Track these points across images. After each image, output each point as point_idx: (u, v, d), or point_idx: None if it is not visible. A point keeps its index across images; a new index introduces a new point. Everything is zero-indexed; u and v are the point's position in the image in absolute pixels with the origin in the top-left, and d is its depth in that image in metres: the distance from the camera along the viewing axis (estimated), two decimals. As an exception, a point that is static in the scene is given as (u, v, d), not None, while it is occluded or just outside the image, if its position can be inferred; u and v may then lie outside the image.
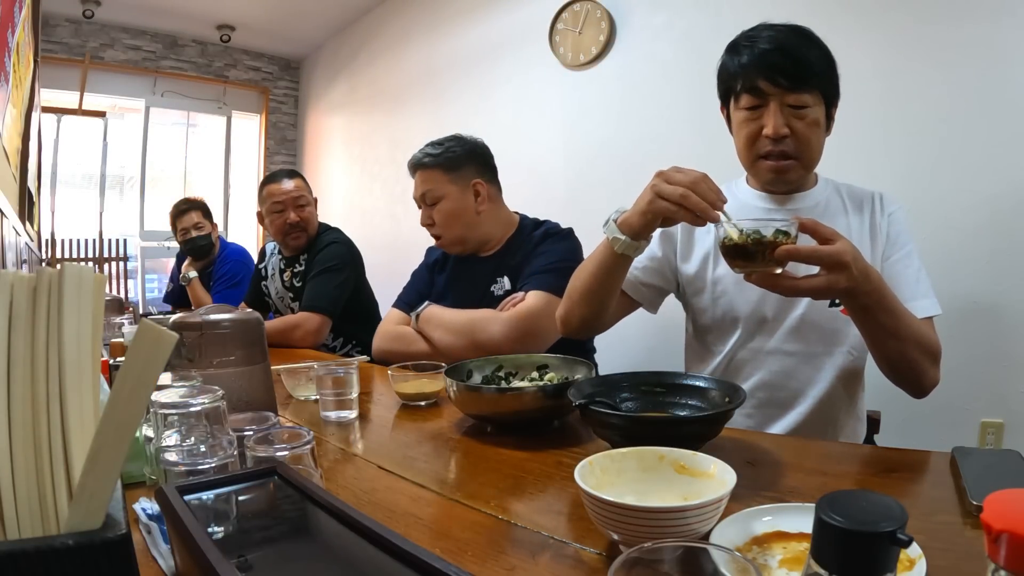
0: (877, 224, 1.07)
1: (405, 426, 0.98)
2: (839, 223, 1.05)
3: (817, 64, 0.99)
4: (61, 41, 4.14)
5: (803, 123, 1.00)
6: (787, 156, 1.02)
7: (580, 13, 2.86)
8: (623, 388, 0.87)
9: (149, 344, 0.37)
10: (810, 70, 0.98)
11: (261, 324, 0.93)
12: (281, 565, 0.44)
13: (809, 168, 1.07)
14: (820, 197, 1.10)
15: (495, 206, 1.53)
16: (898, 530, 0.27)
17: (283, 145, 5.34)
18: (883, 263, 1.05)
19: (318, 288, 1.93)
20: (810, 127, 1.00)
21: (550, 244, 1.44)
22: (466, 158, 1.50)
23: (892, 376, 0.96)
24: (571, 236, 1.49)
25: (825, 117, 1.03)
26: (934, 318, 1.00)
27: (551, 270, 1.35)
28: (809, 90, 0.99)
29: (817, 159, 1.06)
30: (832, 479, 0.71)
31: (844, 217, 1.08)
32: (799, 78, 0.98)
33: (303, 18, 4.43)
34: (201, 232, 2.89)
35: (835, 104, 1.04)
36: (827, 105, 1.02)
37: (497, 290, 1.44)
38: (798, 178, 1.07)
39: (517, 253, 1.46)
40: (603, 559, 0.53)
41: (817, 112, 1.00)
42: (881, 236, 1.06)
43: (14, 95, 1.89)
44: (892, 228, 1.07)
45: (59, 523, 0.37)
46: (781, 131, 0.99)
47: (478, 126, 3.68)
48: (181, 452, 0.60)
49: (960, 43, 1.81)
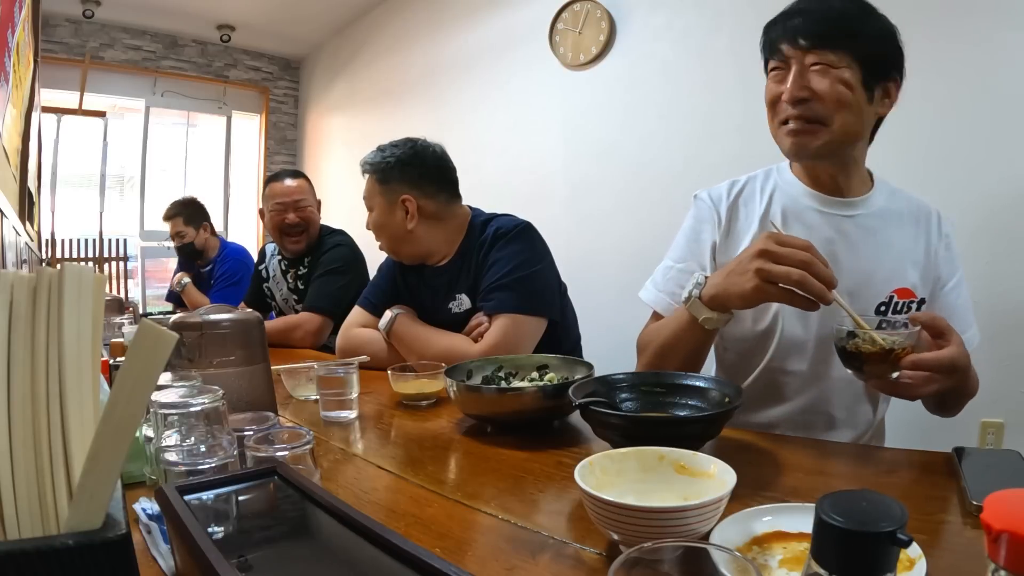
0: (932, 247, 1.00)
1: (405, 426, 0.98)
2: (895, 236, 0.98)
3: (848, 22, 0.88)
4: (61, 41, 4.14)
5: (827, 82, 0.88)
6: (811, 120, 0.91)
7: (580, 13, 2.86)
8: (623, 388, 0.87)
9: (149, 344, 0.37)
10: (835, 27, 0.88)
11: (261, 324, 0.93)
12: (281, 565, 0.44)
13: (844, 139, 0.92)
14: (878, 204, 1.00)
15: (432, 223, 1.40)
16: (898, 530, 0.27)
17: (283, 145, 5.34)
18: (939, 291, 1.00)
19: (321, 289, 1.93)
20: (835, 86, 0.88)
21: (501, 248, 1.34)
22: (397, 171, 1.39)
23: (935, 413, 0.96)
24: (522, 235, 1.36)
25: (866, 86, 0.90)
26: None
27: (509, 286, 1.29)
28: (833, 49, 0.88)
29: (855, 131, 0.92)
30: (832, 479, 0.71)
31: (900, 229, 0.99)
32: (820, 36, 0.88)
33: (303, 18, 4.43)
34: (183, 241, 3.04)
35: (884, 74, 0.92)
36: (868, 71, 0.90)
37: (456, 308, 1.38)
38: (828, 149, 0.92)
39: (470, 262, 1.38)
40: (603, 559, 0.53)
41: (847, 74, 0.88)
42: (934, 259, 1.00)
43: (14, 95, 1.89)
44: (947, 253, 1.01)
45: (59, 523, 0.37)
46: (798, 93, 0.89)
47: (478, 126, 3.70)
48: (181, 452, 0.60)
49: (960, 43, 1.81)
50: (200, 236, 3.07)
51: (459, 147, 1.71)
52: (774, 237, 0.78)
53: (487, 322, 1.30)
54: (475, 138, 3.38)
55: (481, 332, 1.29)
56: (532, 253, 1.35)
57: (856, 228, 0.98)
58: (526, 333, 1.29)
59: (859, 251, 0.97)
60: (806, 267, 0.74)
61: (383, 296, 1.48)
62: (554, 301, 1.37)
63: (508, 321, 1.27)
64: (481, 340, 1.27)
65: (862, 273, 0.96)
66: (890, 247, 0.98)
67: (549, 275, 1.39)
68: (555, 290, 1.40)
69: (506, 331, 1.26)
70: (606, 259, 2.75)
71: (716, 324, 0.87)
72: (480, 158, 3.25)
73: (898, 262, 0.98)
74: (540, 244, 1.39)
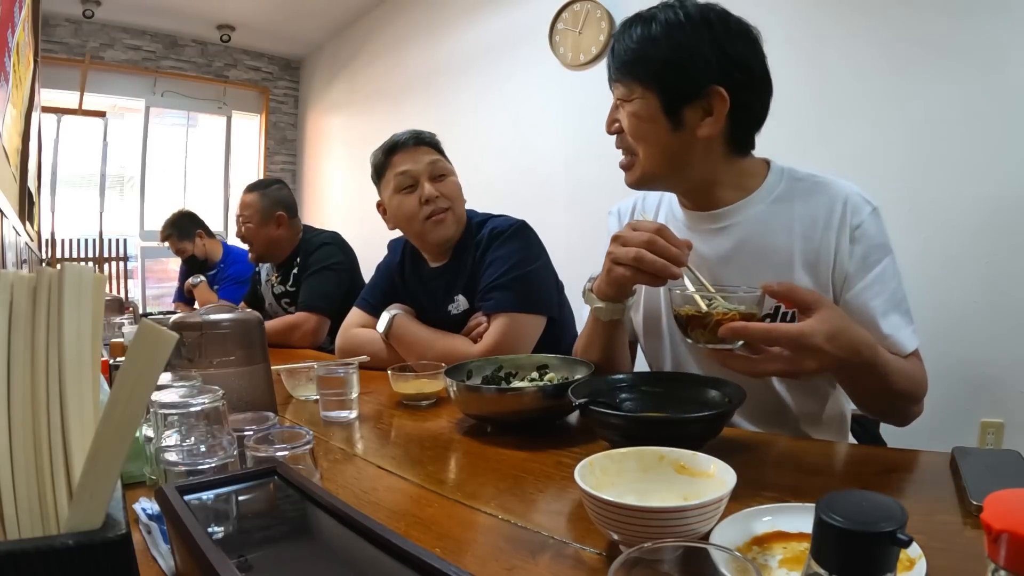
0: (831, 243, 0.86)
1: (405, 426, 0.98)
2: (778, 239, 0.89)
3: (636, 53, 0.86)
4: (61, 41, 4.14)
5: (624, 115, 0.89)
6: (627, 152, 0.92)
7: (580, 13, 2.86)
8: (623, 388, 0.87)
9: (149, 344, 0.37)
10: (623, 60, 0.88)
11: (261, 324, 0.93)
12: (281, 565, 0.44)
13: (656, 169, 0.89)
14: (756, 209, 0.91)
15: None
16: (898, 530, 0.27)
17: (283, 145, 5.34)
18: (846, 292, 0.86)
19: (313, 288, 1.93)
20: (629, 119, 0.88)
21: (497, 248, 1.35)
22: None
23: (872, 416, 0.92)
24: (517, 234, 1.37)
25: (668, 113, 0.85)
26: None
27: (506, 286, 1.30)
28: (625, 82, 0.88)
29: (664, 160, 0.88)
30: (832, 479, 0.71)
31: (784, 231, 0.89)
32: (616, 69, 0.89)
33: (303, 18, 4.43)
34: (187, 255, 3.12)
35: (687, 96, 0.84)
36: (667, 98, 0.85)
37: (454, 309, 1.39)
38: (647, 178, 0.91)
39: (467, 262, 1.39)
40: (603, 559, 0.53)
41: (638, 105, 0.87)
42: (833, 257, 0.87)
43: (14, 95, 1.89)
44: (855, 246, 0.86)
45: (59, 523, 0.37)
46: (607, 129, 0.92)
47: (478, 126, 3.70)
48: (181, 452, 0.60)
49: (960, 43, 1.82)
50: (198, 245, 3.12)
51: (459, 147, 1.71)
52: (630, 224, 0.83)
53: (486, 322, 1.30)
54: (475, 138, 3.38)
55: (481, 332, 1.29)
56: (528, 252, 1.36)
57: (728, 239, 0.93)
58: (525, 332, 1.29)
59: (732, 263, 0.91)
60: (647, 246, 0.77)
61: (381, 296, 1.49)
62: (551, 299, 1.38)
63: (507, 320, 1.27)
64: (481, 340, 1.27)
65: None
66: (772, 253, 0.89)
67: (546, 273, 1.40)
68: (552, 288, 1.41)
69: (505, 330, 1.26)
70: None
71: (608, 315, 0.91)
72: (480, 158, 3.25)
73: (783, 268, 0.88)
74: (536, 243, 1.40)
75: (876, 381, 0.76)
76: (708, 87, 0.84)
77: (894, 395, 0.80)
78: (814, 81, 2.10)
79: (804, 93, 2.07)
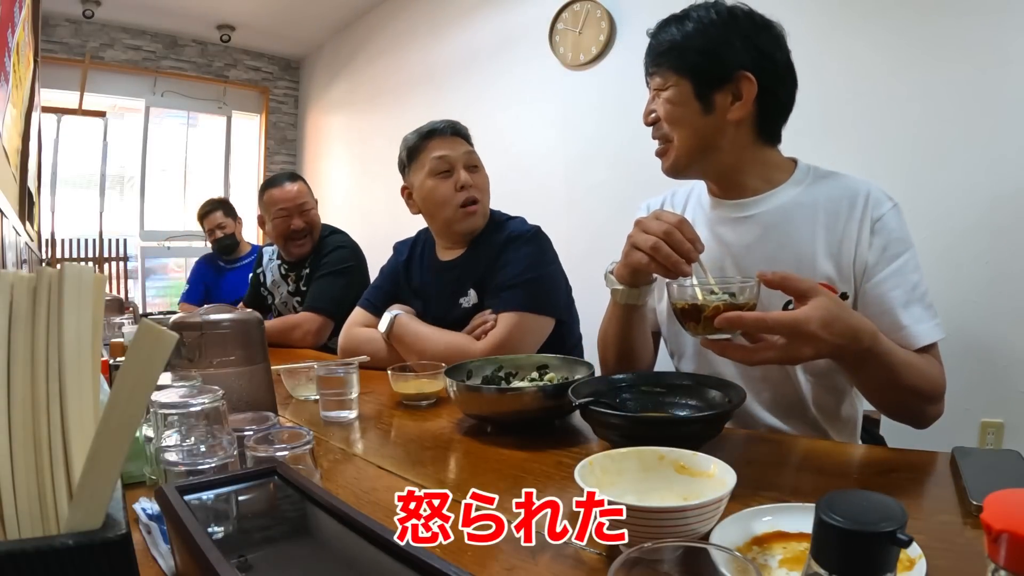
0: (853, 233, 0.89)
1: (405, 426, 0.98)
2: (802, 230, 0.92)
3: (669, 43, 0.94)
4: (61, 41, 4.14)
5: (660, 103, 0.95)
6: (663, 140, 0.97)
7: (580, 13, 2.86)
8: (623, 388, 0.87)
9: (149, 344, 0.37)
10: (659, 51, 0.95)
11: (261, 324, 0.93)
12: (281, 565, 0.44)
13: (690, 153, 0.94)
14: (784, 199, 0.95)
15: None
16: (898, 530, 0.27)
17: (283, 145, 5.34)
18: (866, 282, 0.89)
19: (322, 289, 1.92)
20: (665, 106, 0.94)
21: (513, 251, 1.36)
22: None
23: (887, 415, 0.90)
24: (534, 239, 1.39)
25: (699, 98, 0.92)
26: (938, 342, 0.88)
27: (518, 285, 1.31)
28: (661, 72, 0.95)
29: (697, 143, 0.94)
30: (832, 479, 0.71)
31: (809, 221, 0.92)
32: (652, 62, 0.96)
33: (303, 18, 4.43)
34: (225, 232, 3.06)
35: (718, 81, 0.91)
36: (698, 83, 0.91)
37: (465, 303, 1.40)
38: (682, 164, 0.96)
39: (482, 257, 1.40)
40: (603, 559, 0.53)
41: (673, 92, 0.93)
42: (855, 248, 0.89)
43: (14, 95, 1.89)
44: (875, 238, 0.88)
45: (59, 523, 0.37)
46: (645, 119, 0.99)
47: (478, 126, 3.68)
48: (181, 452, 0.60)
49: (960, 42, 1.82)
50: (238, 228, 3.11)
51: (459, 147, 1.70)
52: (655, 213, 0.85)
53: (492, 320, 1.31)
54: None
55: (485, 330, 1.30)
56: (543, 256, 1.38)
57: (754, 228, 0.96)
58: (532, 331, 1.29)
59: (756, 251, 0.95)
60: (664, 236, 0.80)
61: (384, 297, 1.50)
62: (560, 301, 1.39)
63: (515, 318, 1.28)
64: (485, 337, 1.28)
65: None
66: (795, 243, 0.92)
67: (558, 277, 1.42)
68: (562, 291, 1.43)
69: (512, 328, 1.27)
70: (606, 259, 2.74)
71: (624, 298, 0.94)
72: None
73: (805, 258, 0.91)
74: (550, 248, 1.43)
75: (881, 371, 0.76)
76: (736, 72, 0.90)
77: (903, 390, 0.80)
78: (814, 81, 2.10)
79: (804, 93, 2.06)
